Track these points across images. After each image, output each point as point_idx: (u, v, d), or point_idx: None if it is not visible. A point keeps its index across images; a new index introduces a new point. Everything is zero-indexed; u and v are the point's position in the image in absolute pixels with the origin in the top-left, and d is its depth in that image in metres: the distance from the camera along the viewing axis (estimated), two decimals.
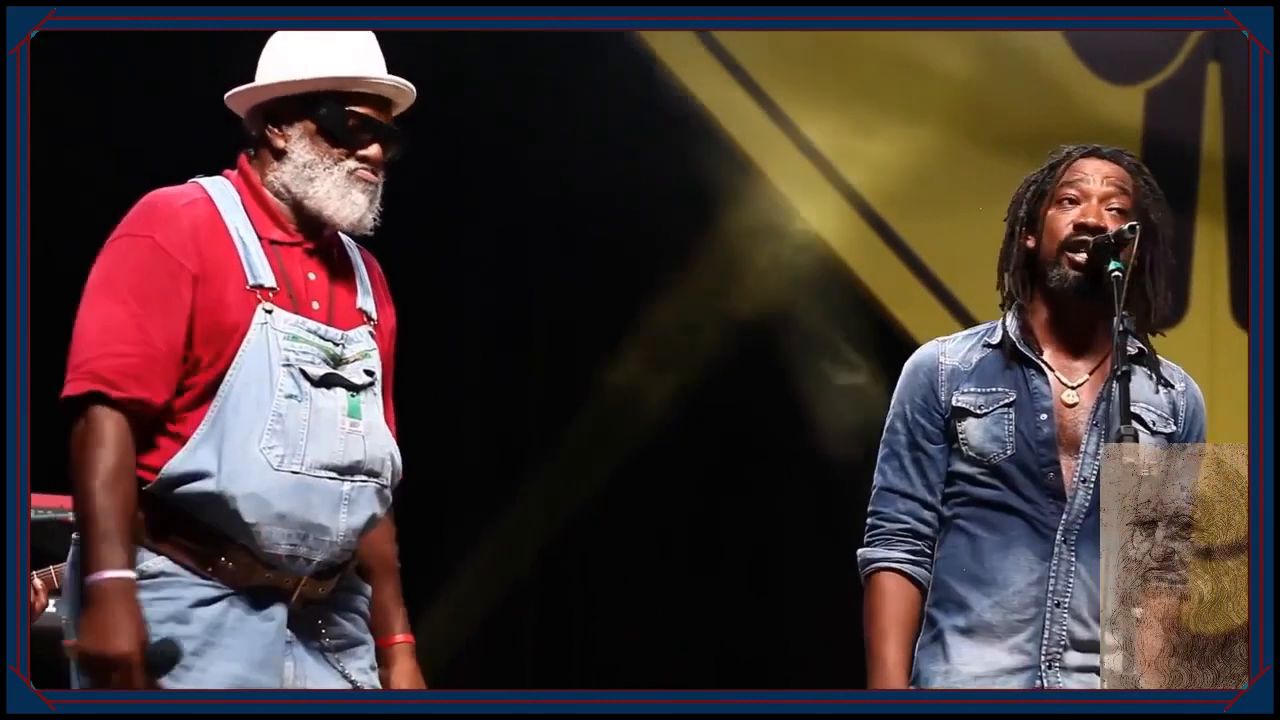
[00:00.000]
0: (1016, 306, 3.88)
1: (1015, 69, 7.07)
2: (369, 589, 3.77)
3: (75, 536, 3.52)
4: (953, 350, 3.92)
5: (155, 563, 3.55)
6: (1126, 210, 3.83)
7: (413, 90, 3.74)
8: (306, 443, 3.57)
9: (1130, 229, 3.76)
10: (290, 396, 3.57)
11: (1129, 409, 3.65)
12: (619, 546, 6.98)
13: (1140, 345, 3.86)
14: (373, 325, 3.75)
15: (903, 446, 3.89)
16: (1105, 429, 3.75)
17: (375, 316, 3.76)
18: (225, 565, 3.55)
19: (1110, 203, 3.84)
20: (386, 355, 3.78)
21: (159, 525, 3.55)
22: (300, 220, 3.69)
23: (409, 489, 3.83)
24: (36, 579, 4.49)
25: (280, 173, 3.69)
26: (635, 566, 6.98)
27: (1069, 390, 3.83)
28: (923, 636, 3.85)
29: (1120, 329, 3.68)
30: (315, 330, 3.64)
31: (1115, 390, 3.66)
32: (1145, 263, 3.83)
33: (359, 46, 3.71)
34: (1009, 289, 3.89)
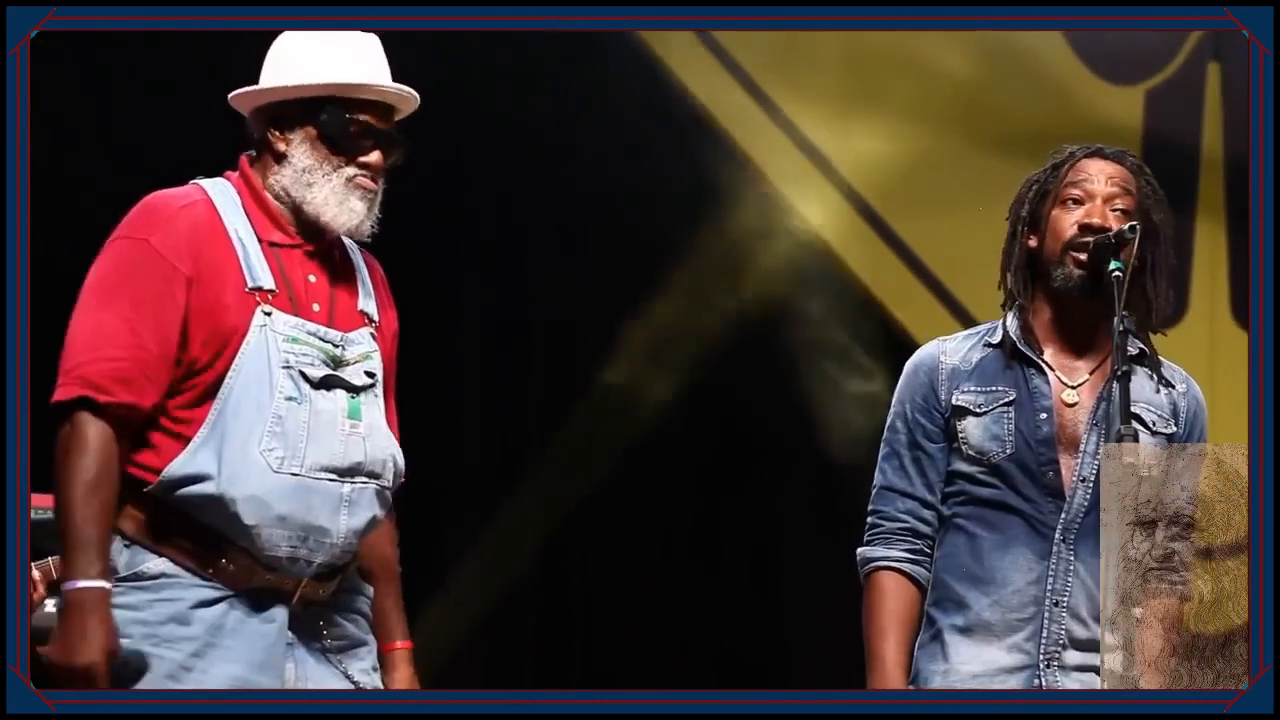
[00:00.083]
0: (1017, 306, 3.88)
1: (1015, 69, 7.06)
2: (371, 590, 3.76)
3: None
4: (953, 350, 3.92)
5: (156, 564, 3.55)
6: (1130, 211, 3.83)
7: (416, 97, 3.73)
8: (306, 445, 3.57)
9: (1130, 229, 3.76)
10: (290, 399, 3.57)
11: (1129, 409, 3.65)
12: (619, 546, 6.98)
13: (1141, 345, 3.86)
14: (374, 327, 3.75)
15: (903, 446, 3.89)
16: (1105, 429, 3.75)
17: (377, 318, 3.76)
18: (226, 567, 3.55)
19: (1114, 203, 3.83)
20: (388, 357, 3.78)
21: (160, 527, 3.55)
22: (301, 223, 3.69)
23: (409, 489, 3.84)
24: (35, 570, 4.48)
25: (281, 176, 3.69)
26: (635, 566, 6.97)
27: (1069, 390, 3.83)
28: (922, 636, 3.85)
29: (1120, 329, 3.68)
30: (315, 332, 3.63)
31: (1115, 390, 3.66)
32: (1146, 263, 3.83)
33: (362, 52, 3.70)
34: (1011, 288, 3.89)
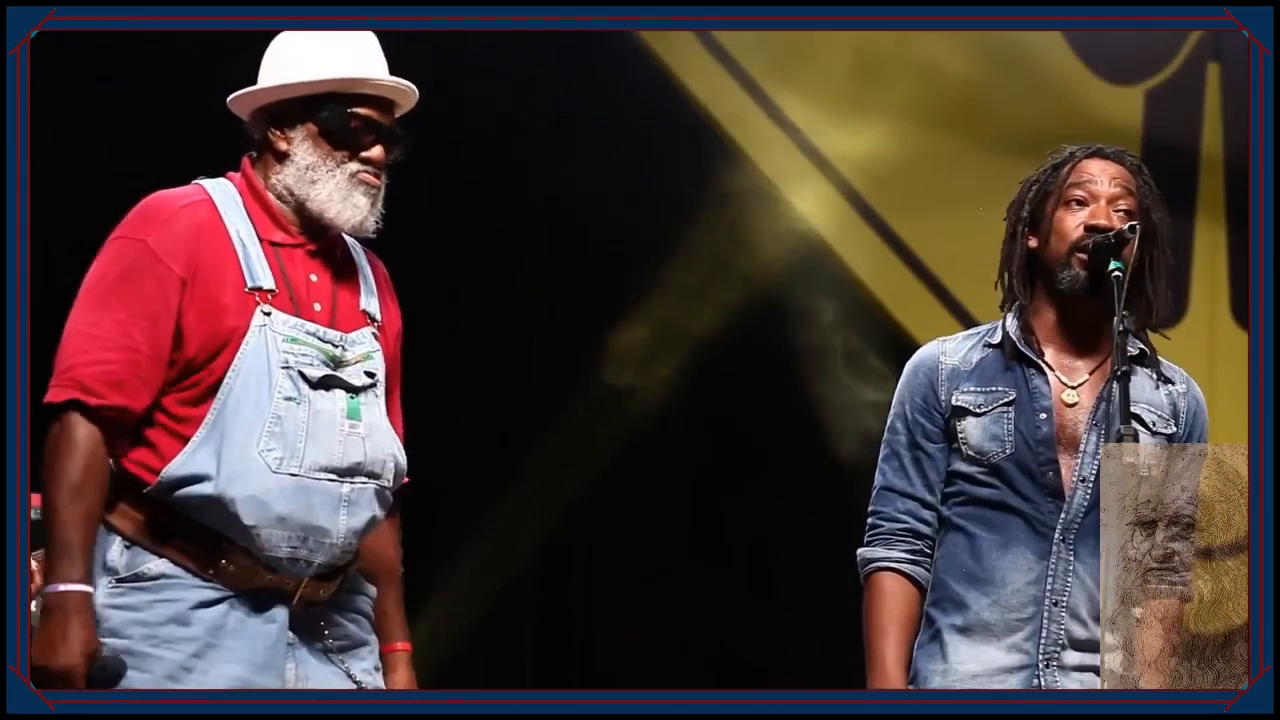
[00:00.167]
0: (1017, 306, 3.88)
1: (1015, 69, 7.06)
2: (373, 590, 3.76)
3: None
4: (953, 350, 3.92)
5: (157, 565, 3.55)
6: (1133, 211, 3.83)
7: (415, 91, 3.73)
8: (305, 445, 3.57)
9: (1130, 229, 3.76)
10: (289, 399, 3.57)
11: (1129, 409, 3.65)
12: (619, 546, 6.98)
13: (1141, 346, 3.86)
14: (376, 326, 3.74)
15: (903, 446, 3.89)
16: (1105, 429, 3.75)
17: (379, 318, 3.76)
18: (226, 568, 3.55)
19: (1118, 204, 3.83)
20: (392, 357, 3.78)
21: (160, 528, 3.55)
22: (303, 222, 3.69)
23: (409, 489, 3.84)
24: (33, 561, 4.48)
25: (283, 175, 3.69)
26: (635, 566, 6.97)
27: (1069, 390, 3.83)
28: (921, 636, 3.85)
29: (1120, 329, 3.68)
30: (314, 332, 3.63)
31: (1115, 390, 3.66)
32: (1145, 263, 3.83)
33: (361, 48, 3.70)
34: (1013, 289, 3.89)
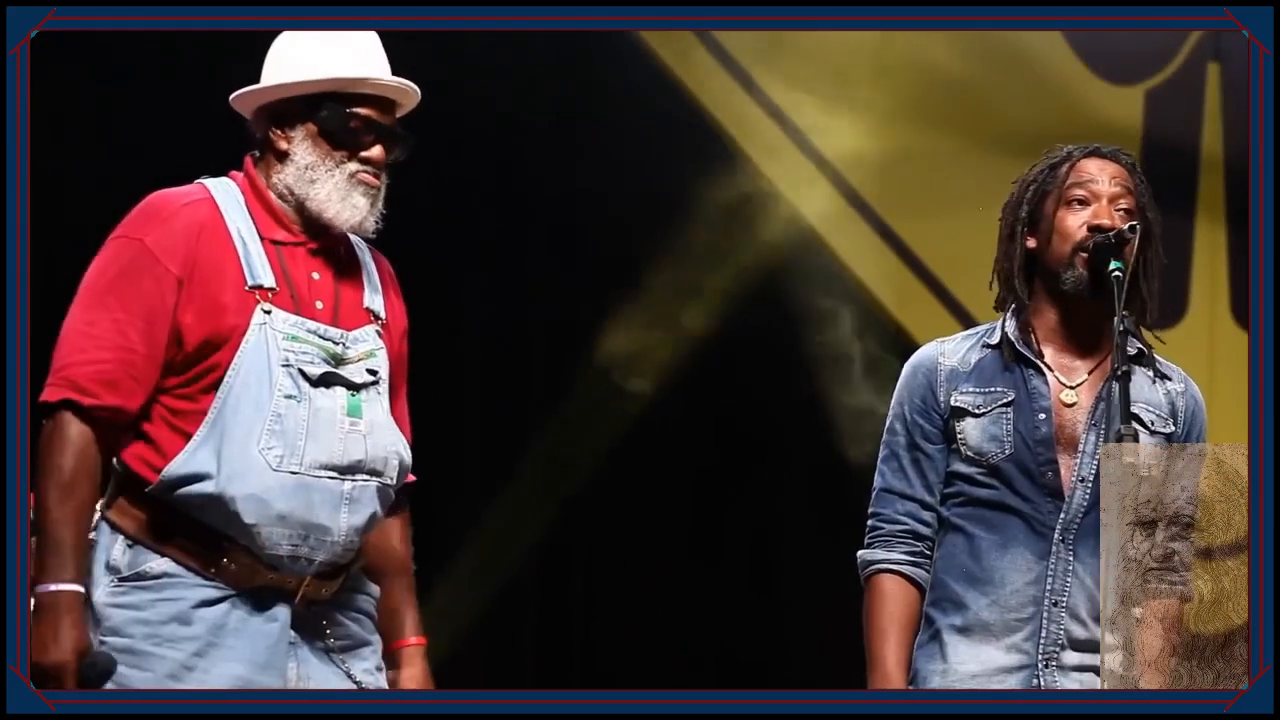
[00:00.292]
0: (1015, 307, 3.87)
1: (1015, 69, 7.06)
2: (376, 590, 3.76)
3: None
4: (951, 351, 3.92)
5: (159, 564, 3.55)
6: (1132, 210, 3.83)
7: (416, 91, 3.73)
8: (305, 443, 3.57)
9: (1130, 229, 3.76)
10: (289, 397, 3.57)
11: (1129, 409, 3.65)
12: (619, 546, 6.97)
13: (1138, 345, 3.86)
14: (380, 324, 3.74)
15: (902, 447, 3.89)
16: (1105, 428, 3.74)
17: (383, 316, 3.76)
18: (227, 566, 3.55)
19: (1118, 203, 3.83)
20: (398, 354, 3.77)
21: (162, 526, 3.55)
22: (305, 221, 3.69)
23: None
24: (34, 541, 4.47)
25: (284, 174, 3.69)
26: (635, 566, 6.97)
27: (1068, 390, 3.83)
28: (920, 636, 3.85)
29: (1121, 329, 3.68)
30: (315, 330, 3.63)
31: (1115, 390, 3.66)
32: (1141, 261, 3.83)
33: (361, 48, 3.70)
34: (1013, 290, 3.88)
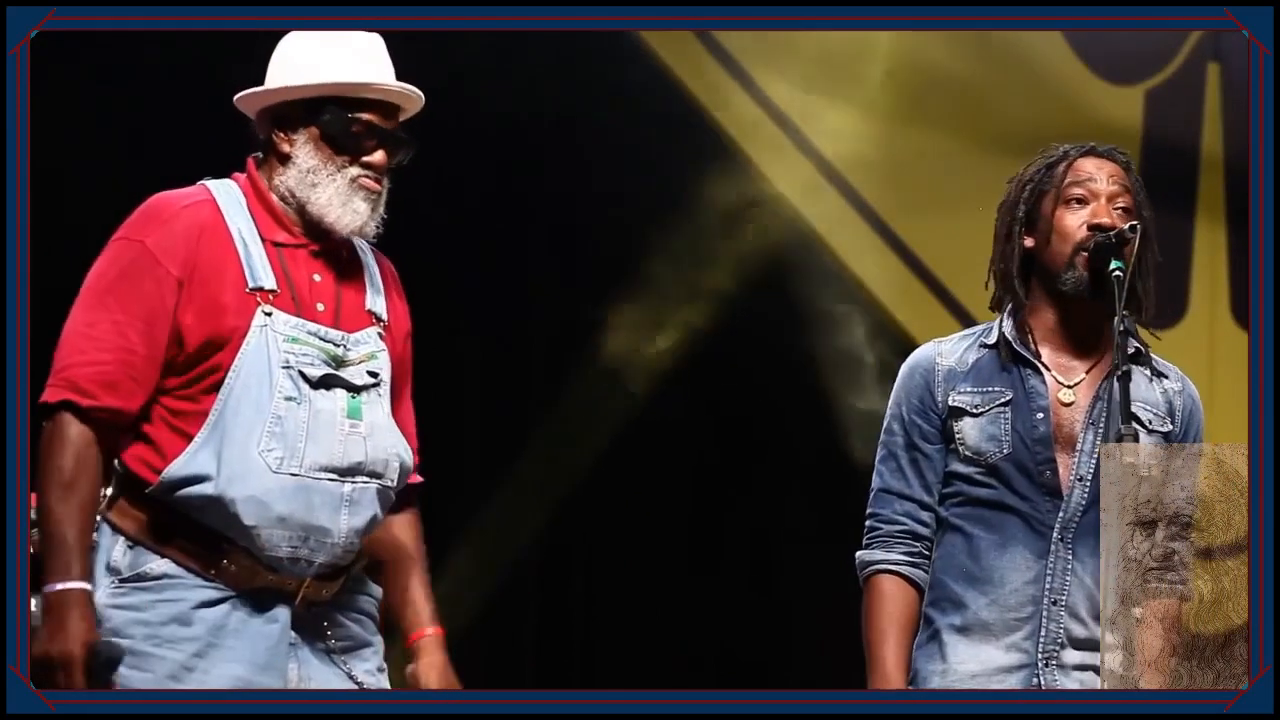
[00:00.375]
0: (1012, 307, 3.87)
1: (1015, 69, 7.06)
2: (377, 590, 3.76)
3: None
4: (949, 351, 3.92)
5: (159, 565, 3.56)
6: (1130, 208, 3.83)
7: (420, 96, 3.72)
8: (305, 444, 3.57)
9: (1131, 229, 3.76)
10: (289, 399, 3.57)
11: (1129, 409, 3.65)
12: (619, 546, 6.98)
13: (1136, 344, 3.86)
14: (382, 326, 3.74)
15: (900, 448, 3.89)
16: (1104, 428, 3.74)
17: (385, 318, 3.75)
18: (228, 568, 3.55)
19: (1117, 201, 3.83)
20: (401, 356, 3.77)
21: (162, 528, 3.56)
22: (306, 223, 3.69)
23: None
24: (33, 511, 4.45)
25: (286, 177, 3.68)
26: (635, 566, 6.97)
27: (1065, 389, 3.83)
28: (919, 636, 3.85)
29: (1121, 329, 3.68)
30: (315, 332, 3.63)
31: (1115, 390, 3.66)
32: (1141, 261, 3.83)
33: (364, 51, 3.69)
34: (1011, 290, 3.88)
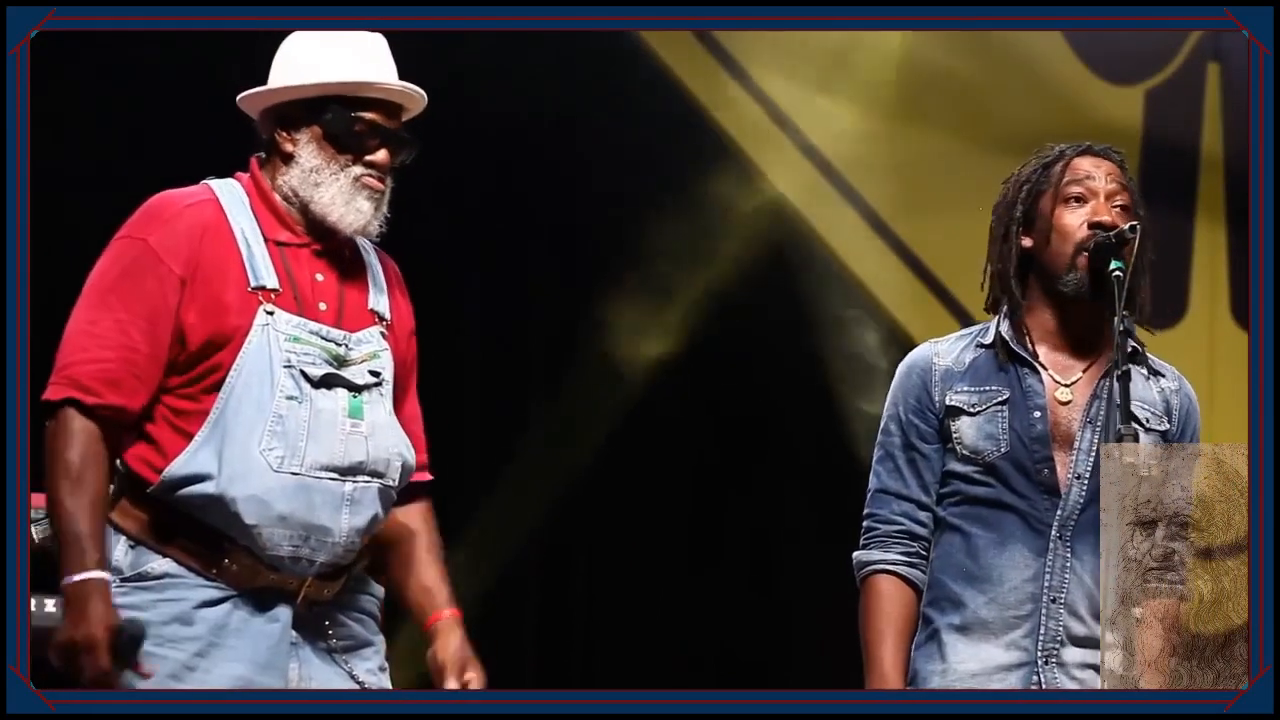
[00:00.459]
0: (1009, 307, 3.87)
1: (1015, 69, 7.06)
2: (379, 590, 3.76)
3: None
4: (946, 351, 3.92)
5: (160, 564, 3.56)
6: (1128, 206, 3.83)
7: (422, 95, 3.72)
8: (306, 444, 3.57)
9: (1131, 228, 3.76)
10: (290, 398, 3.57)
11: (1129, 409, 3.65)
12: (619, 546, 6.98)
13: (1134, 343, 3.86)
14: (385, 326, 3.74)
15: (897, 448, 3.89)
16: (1103, 426, 3.74)
17: (388, 317, 3.75)
18: (229, 567, 3.55)
19: (1115, 200, 3.83)
20: (405, 355, 3.77)
21: (163, 527, 3.56)
22: (309, 223, 3.69)
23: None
24: (34, 530, 4.46)
25: (289, 176, 3.68)
26: (635, 566, 6.97)
27: (1062, 388, 3.83)
28: (918, 636, 3.85)
29: (1121, 328, 3.68)
30: (317, 331, 3.63)
31: (1115, 390, 3.66)
32: (1140, 260, 3.83)
33: (367, 51, 3.69)
34: (1009, 290, 3.88)
